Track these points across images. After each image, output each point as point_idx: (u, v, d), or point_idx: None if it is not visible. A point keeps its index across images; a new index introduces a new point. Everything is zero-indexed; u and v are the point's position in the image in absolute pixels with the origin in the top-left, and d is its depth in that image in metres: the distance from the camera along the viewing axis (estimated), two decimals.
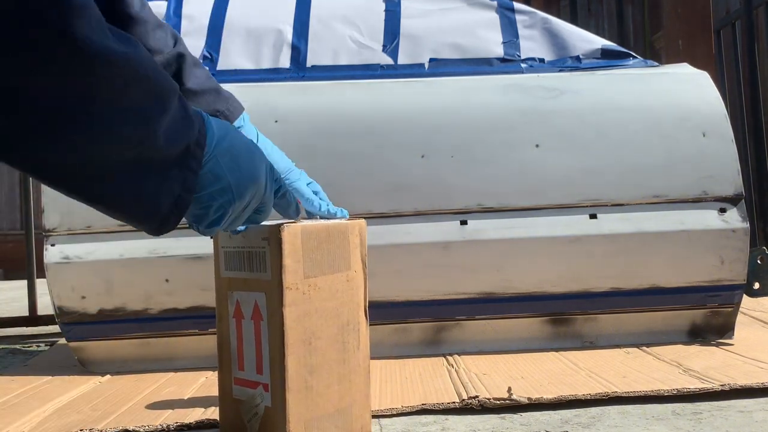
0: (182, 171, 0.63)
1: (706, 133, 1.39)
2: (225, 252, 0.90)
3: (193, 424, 0.96)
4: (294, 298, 0.84)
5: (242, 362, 0.89)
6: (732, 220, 1.35)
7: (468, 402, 1.00)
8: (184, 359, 1.35)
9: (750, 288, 1.44)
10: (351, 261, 0.90)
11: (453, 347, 1.36)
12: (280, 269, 0.83)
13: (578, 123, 1.39)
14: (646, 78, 1.46)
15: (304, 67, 1.47)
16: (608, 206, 1.36)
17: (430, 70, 1.48)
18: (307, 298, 0.85)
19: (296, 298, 0.84)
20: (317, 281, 0.86)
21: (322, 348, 0.87)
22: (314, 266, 0.86)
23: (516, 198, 1.36)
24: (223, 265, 0.91)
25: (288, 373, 0.83)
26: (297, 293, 0.84)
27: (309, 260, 0.86)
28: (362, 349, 0.91)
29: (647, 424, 0.91)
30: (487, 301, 1.35)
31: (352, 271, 0.90)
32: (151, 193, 0.61)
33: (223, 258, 0.91)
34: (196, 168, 0.64)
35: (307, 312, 0.85)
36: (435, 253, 1.34)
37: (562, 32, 1.53)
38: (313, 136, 1.37)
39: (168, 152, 0.61)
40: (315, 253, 0.86)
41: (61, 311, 1.33)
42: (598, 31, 3.74)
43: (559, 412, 0.97)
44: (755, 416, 0.91)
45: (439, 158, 1.37)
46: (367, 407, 0.92)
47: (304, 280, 0.85)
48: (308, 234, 0.86)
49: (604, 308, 1.37)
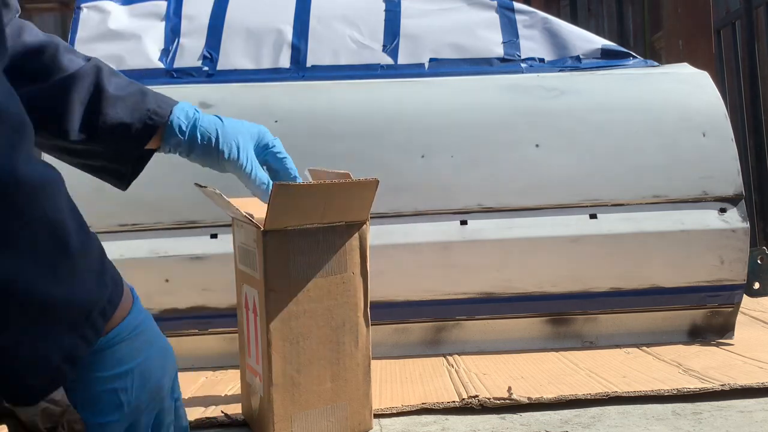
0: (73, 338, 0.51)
1: (706, 133, 1.39)
2: (238, 246, 0.97)
3: (193, 423, 0.96)
4: (278, 300, 0.86)
5: (250, 350, 0.94)
6: (732, 220, 1.35)
7: (468, 401, 1.00)
8: (184, 359, 1.35)
9: (750, 288, 1.44)
10: (347, 263, 0.90)
11: (453, 347, 1.36)
12: (264, 271, 0.85)
13: (578, 123, 1.39)
14: (646, 78, 1.46)
15: (304, 67, 1.47)
16: (608, 206, 1.36)
17: (430, 70, 1.48)
18: (294, 301, 0.86)
19: (281, 301, 0.86)
20: (307, 284, 0.87)
21: (312, 348, 0.88)
22: (304, 268, 0.87)
23: (516, 198, 1.36)
24: (238, 258, 0.97)
25: (273, 371, 0.86)
26: (281, 295, 0.86)
27: (297, 263, 0.86)
28: (361, 349, 0.92)
29: (647, 424, 0.91)
30: (487, 301, 1.35)
31: (349, 273, 0.91)
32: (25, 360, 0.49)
33: (238, 252, 0.97)
34: (92, 338, 0.52)
35: (294, 313, 0.87)
36: (435, 253, 1.34)
37: (562, 32, 1.53)
38: (313, 136, 1.37)
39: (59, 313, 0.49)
40: (305, 256, 0.87)
41: None
42: (598, 31, 3.74)
43: (559, 412, 0.97)
44: (755, 416, 0.91)
45: (439, 158, 1.37)
46: (366, 405, 0.93)
47: (292, 283, 0.86)
48: (298, 236, 0.86)
49: (604, 308, 1.37)
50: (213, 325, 1.34)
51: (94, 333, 0.52)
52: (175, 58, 1.48)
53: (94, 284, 0.52)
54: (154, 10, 1.54)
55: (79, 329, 0.51)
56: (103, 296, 0.53)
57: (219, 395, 1.12)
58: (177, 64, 1.47)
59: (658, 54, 4.34)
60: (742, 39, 2.40)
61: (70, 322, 0.50)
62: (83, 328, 0.51)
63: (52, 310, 0.49)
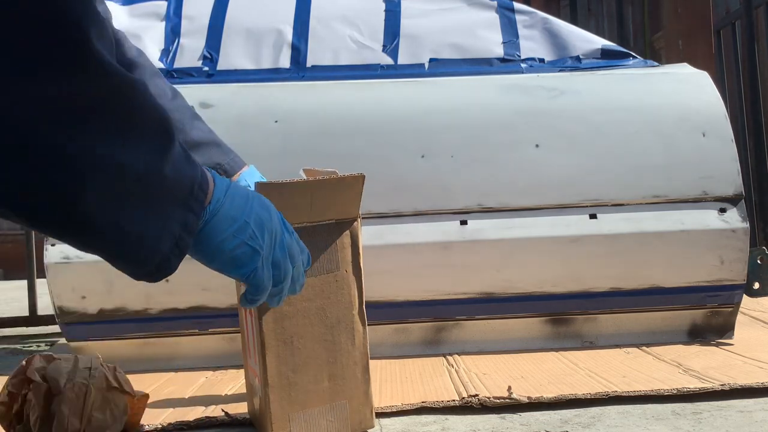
0: (184, 212, 0.60)
1: (706, 133, 1.39)
2: None
3: (193, 422, 0.96)
4: None
5: (250, 351, 0.94)
6: (732, 220, 1.35)
7: (468, 400, 1.00)
8: (185, 359, 1.35)
9: (750, 288, 1.44)
10: (340, 261, 0.90)
11: (453, 347, 1.36)
12: None
13: (578, 123, 1.39)
14: (646, 78, 1.46)
15: (304, 67, 1.47)
16: (608, 206, 1.36)
17: (430, 70, 1.48)
18: (286, 301, 0.86)
19: None
20: None
21: (307, 347, 0.88)
22: None
23: (516, 198, 1.36)
24: None
25: (268, 371, 0.86)
26: None
27: None
28: (358, 348, 0.92)
29: (647, 424, 0.91)
30: (487, 301, 1.35)
31: (342, 272, 0.91)
32: (152, 235, 0.57)
33: None
34: (198, 210, 0.62)
35: (286, 314, 0.87)
36: (435, 253, 1.34)
37: (562, 32, 1.53)
38: (313, 136, 1.37)
39: (173, 187, 0.59)
40: None
41: (61, 311, 1.33)
42: (598, 31, 3.73)
43: (559, 411, 0.97)
44: (755, 416, 0.91)
45: (439, 158, 1.37)
46: (366, 403, 0.93)
47: None
48: None
49: (604, 308, 1.37)
50: (213, 325, 1.34)
51: (199, 205, 0.61)
52: (175, 58, 1.48)
53: (190, 163, 0.61)
54: (154, 10, 1.54)
55: (188, 202, 0.60)
56: (197, 173, 0.62)
57: (219, 395, 1.12)
58: (177, 64, 1.47)
59: (658, 54, 4.34)
60: (742, 39, 2.40)
61: (182, 197, 0.59)
62: (190, 201, 0.60)
63: (169, 189, 0.58)
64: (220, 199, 0.65)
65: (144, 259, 0.58)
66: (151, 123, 0.56)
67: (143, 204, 0.56)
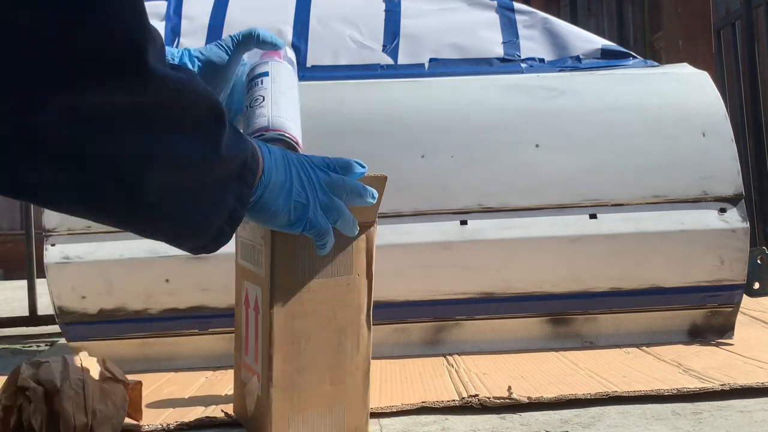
0: (239, 184, 0.65)
1: (706, 133, 1.39)
2: (240, 241, 0.96)
3: (193, 422, 0.96)
4: (283, 300, 0.85)
5: (247, 348, 0.93)
6: (732, 220, 1.35)
7: (468, 400, 1.00)
8: (185, 359, 1.35)
9: (750, 288, 1.44)
10: (354, 265, 0.89)
11: (453, 347, 1.36)
12: (271, 270, 0.84)
13: (578, 123, 1.39)
14: (646, 78, 1.46)
15: (304, 67, 1.47)
16: (608, 206, 1.36)
17: (430, 70, 1.48)
18: (298, 301, 0.85)
19: (286, 300, 0.85)
20: (312, 284, 0.86)
21: (314, 349, 0.87)
22: (310, 269, 0.86)
23: (516, 198, 1.36)
24: (239, 253, 0.96)
25: (273, 371, 0.85)
26: (286, 295, 0.85)
27: (304, 263, 0.86)
28: (362, 353, 0.91)
29: (647, 423, 0.91)
30: (487, 301, 1.35)
31: (354, 275, 0.90)
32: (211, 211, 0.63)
33: (239, 246, 0.96)
34: (252, 181, 0.67)
35: (298, 313, 0.86)
36: (435, 253, 1.34)
37: (562, 32, 1.53)
38: (312, 137, 1.37)
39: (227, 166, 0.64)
40: (312, 257, 0.86)
41: (61, 311, 1.33)
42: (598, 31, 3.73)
43: (559, 411, 0.97)
44: (755, 416, 0.91)
45: (439, 158, 1.37)
46: (363, 410, 0.92)
47: (297, 283, 0.85)
48: (306, 237, 0.86)
49: (604, 308, 1.37)
50: (213, 325, 1.34)
51: (252, 176, 0.67)
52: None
53: (242, 141, 0.66)
54: (154, 10, 1.54)
55: (243, 175, 0.66)
56: (248, 148, 0.67)
57: (219, 395, 1.12)
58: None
59: (658, 54, 4.34)
60: (742, 39, 2.40)
61: (237, 172, 0.65)
62: (246, 173, 0.66)
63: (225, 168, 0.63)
64: (270, 168, 0.70)
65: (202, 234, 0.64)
66: (204, 114, 0.60)
67: (202, 186, 0.61)
